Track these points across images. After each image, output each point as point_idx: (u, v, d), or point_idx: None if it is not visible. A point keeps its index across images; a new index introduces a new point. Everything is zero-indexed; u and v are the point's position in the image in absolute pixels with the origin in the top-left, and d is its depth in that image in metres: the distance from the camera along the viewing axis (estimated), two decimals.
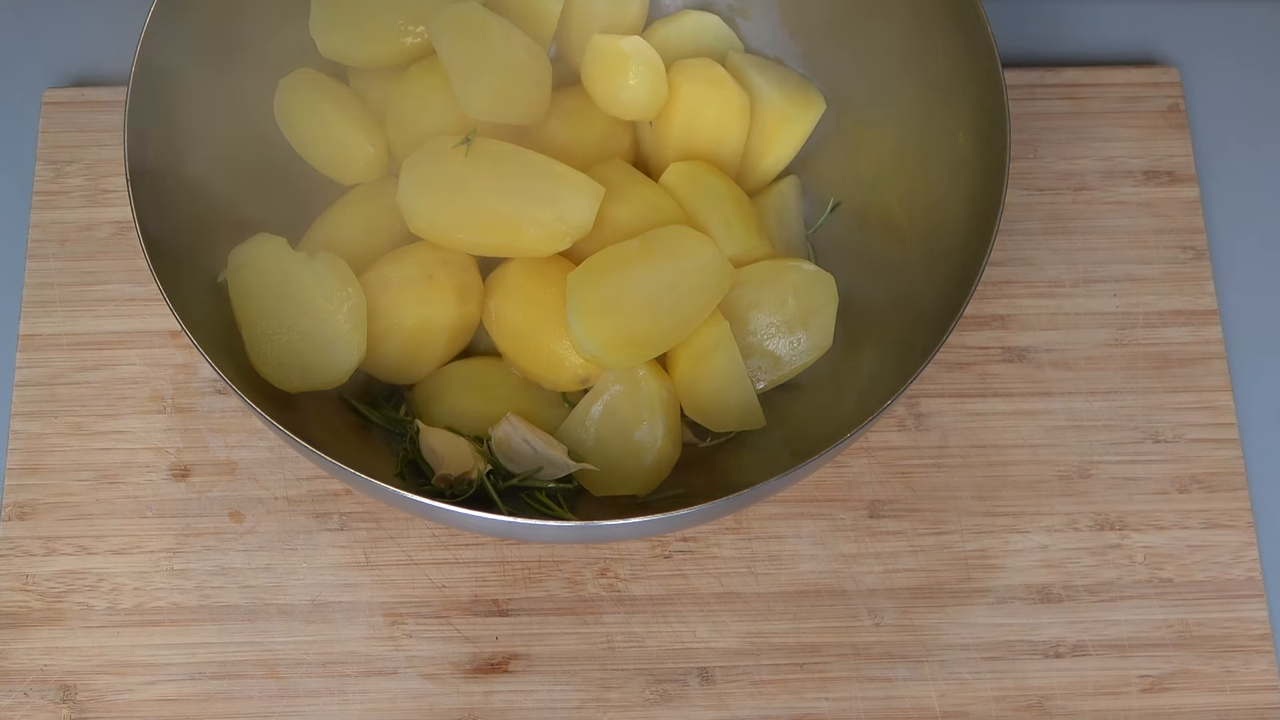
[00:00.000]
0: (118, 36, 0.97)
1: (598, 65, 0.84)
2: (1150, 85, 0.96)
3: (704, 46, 0.88)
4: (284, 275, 0.79)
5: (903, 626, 0.84)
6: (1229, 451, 0.88)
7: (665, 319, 0.79)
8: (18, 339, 0.89)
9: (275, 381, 0.78)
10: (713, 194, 0.83)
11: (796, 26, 0.89)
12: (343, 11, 0.83)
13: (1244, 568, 0.86)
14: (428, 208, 0.79)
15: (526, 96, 0.82)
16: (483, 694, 0.82)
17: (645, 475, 0.80)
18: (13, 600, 0.84)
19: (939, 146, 0.81)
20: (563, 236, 0.79)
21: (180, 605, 0.84)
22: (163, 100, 0.77)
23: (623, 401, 0.80)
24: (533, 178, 0.79)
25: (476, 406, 0.81)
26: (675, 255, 0.79)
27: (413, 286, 0.80)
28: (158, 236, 0.74)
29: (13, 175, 0.93)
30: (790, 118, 0.86)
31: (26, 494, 0.86)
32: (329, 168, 0.84)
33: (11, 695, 0.82)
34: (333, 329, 0.78)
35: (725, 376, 0.80)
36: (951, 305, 0.74)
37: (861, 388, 0.80)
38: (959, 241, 0.77)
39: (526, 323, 0.81)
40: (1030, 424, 0.88)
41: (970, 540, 0.86)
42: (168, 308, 0.72)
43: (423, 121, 0.83)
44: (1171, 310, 0.91)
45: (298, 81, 0.84)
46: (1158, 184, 0.94)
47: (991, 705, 0.83)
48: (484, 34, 0.80)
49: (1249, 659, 0.84)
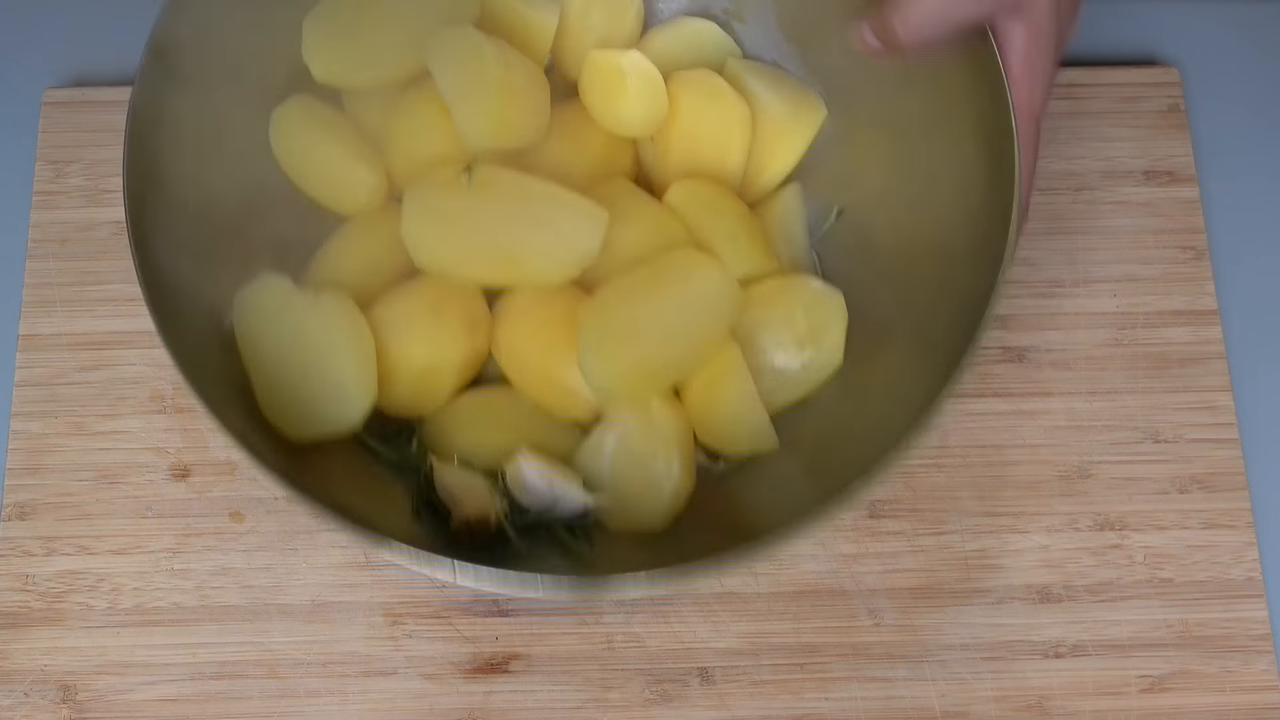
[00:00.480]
0: (118, 36, 0.97)
1: (596, 82, 0.83)
2: (1150, 85, 0.96)
3: (702, 54, 0.88)
4: (291, 318, 0.77)
5: (903, 626, 0.84)
6: (1229, 451, 0.88)
7: (677, 348, 0.78)
8: (18, 339, 0.89)
9: (285, 431, 0.76)
10: (717, 213, 0.82)
11: (793, 29, 0.88)
12: (335, 36, 0.82)
13: (1244, 568, 0.86)
14: (432, 242, 0.78)
15: (527, 121, 0.81)
16: (483, 694, 0.82)
17: (663, 511, 0.78)
18: (13, 600, 0.84)
19: (944, 153, 0.80)
20: (570, 265, 0.78)
21: (180, 605, 0.84)
22: (160, 134, 0.76)
23: (637, 434, 0.78)
24: (537, 206, 0.78)
25: (490, 438, 0.80)
26: (685, 282, 0.78)
27: (420, 323, 0.79)
28: (159, 281, 0.73)
29: (13, 175, 0.93)
30: (792, 127, 0.85)
31: (26, 494, 0.86)
32: (328, 200, 0.83)
33: (11, 695, 0.82)
34: (342, 374, 0.76)
35: (737, 402, 0.79)
36: (967, 319, 0.73)
37: (876, 404, 0.79)
38: (971, 250, 0.76)
39: (535, 352, 0.80)
40: (1030, 424, 0.88)
41: (970, 540, 0.86)
42: (173, 363, 0.71)
43: (423, 147, 0.82)
44: (1171, 310, 0.91)
45: (292, 112, 0.82)
46: (1158, 184, 0.94)
47: (991, 705, 0.83)
48: (480, 60, 0.79)
49: (1249, 659, 0.84)
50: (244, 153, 0.82)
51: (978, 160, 0.77)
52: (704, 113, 0.84)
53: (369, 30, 0.82)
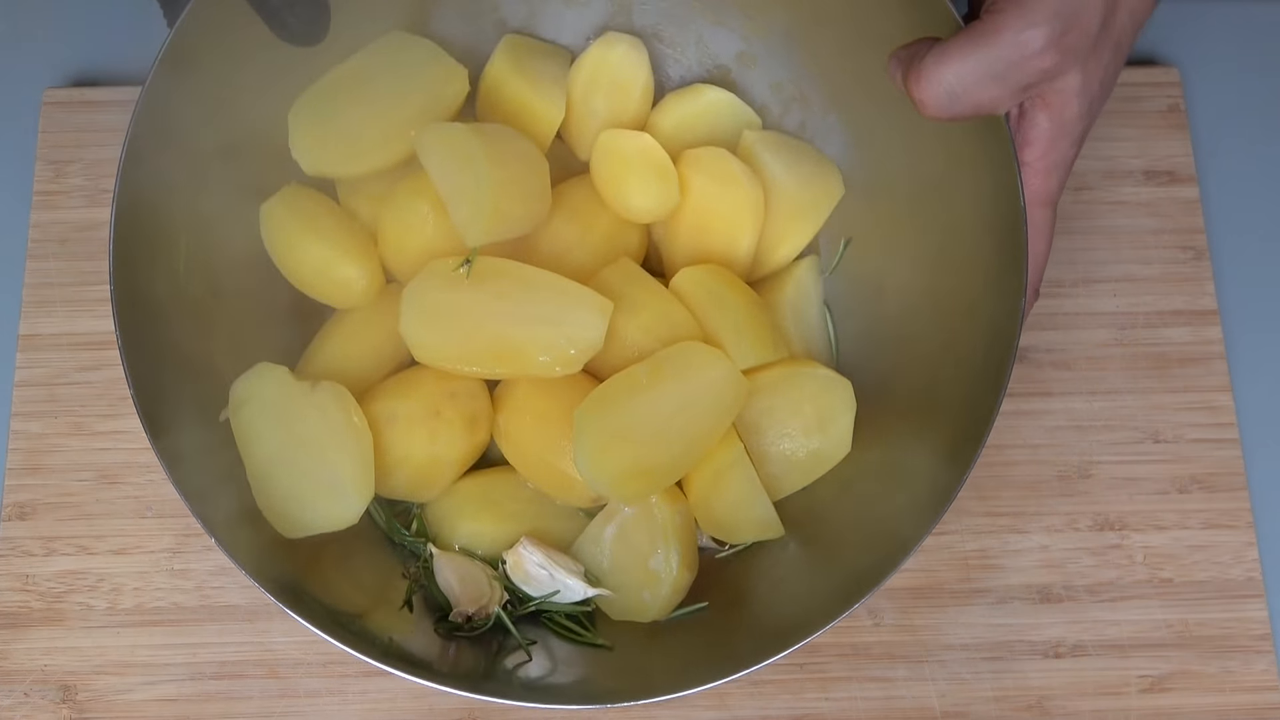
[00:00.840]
0: (118, 37, 0.97)
1: (606, 168, 0.82)
2: (1150, 85, 0.96)
3: (719, 126, 0.86)
4: (288, 411, 0.76)
5: (903, 626, 0.84)
6: (1229, 451, 0.88)
7: (675, 444, 0.76)
8: (18, 339, 0.89)
9: (279, 527, 0.75)
10: (724, 303, 0.80)
11: (807, 70, 0.85)
12: (323, 129, 0.80)
13: (1244, 568, 0.86)
14: (432, 338, 0.77)
15: (524, 211, 0.78)
16: None
17: (661, 603, 0.77)
18: (13, 600, 0.84)
19: (956, 231, 0.78)
20: (572, 361, 0.76)
21: (180, 605, 0.84)
22: (149, 227, 0.74)
23: (636, 527, 0.77)
24: (538, 298, 0.76)
25: (490, 527, 0.79)
26: (686, 375, 0.76)
27: (420, 422, 0.78)
28: (147, 377, 0.71)
29: (13, 175, 0.93)
30: (806, 209, 0.84)
31: (26, 494, 0.86)
32: (321, 295, 0.81)
33: (11, 695, 0.82)
34: (338, 471, 0.75)
35: (741, 495, 0.78)
36: (977, 406, 0.71)
37: (884, 488, 0.77)
38: (981, 333, 0.74)
39: (536, 442, 0.79)
40: (1030, 424, 0.88)
41: (970, 540, 0.86)
42: (163, 469, 0.70)
43: (417, 240, 0.80)
44: (1171, 310, 0.91)
45: (281, 205, 0.80)
46: (1158, 184, 0.94)
47: (991, 705, 0.83)
48: (472, 161, 0.76)
49: (1249, 659, 0.84)
50: (239, 243, 0.80)
51: (988, 241, 0.75)
52: (715, 198, 0.82)
53: (355, 120, 0.80)
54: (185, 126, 0.75)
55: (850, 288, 0.85)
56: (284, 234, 0.80)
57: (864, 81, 0.80)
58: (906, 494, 0.74)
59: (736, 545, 0.81)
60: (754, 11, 0.84)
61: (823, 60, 0.84)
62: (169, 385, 0.73)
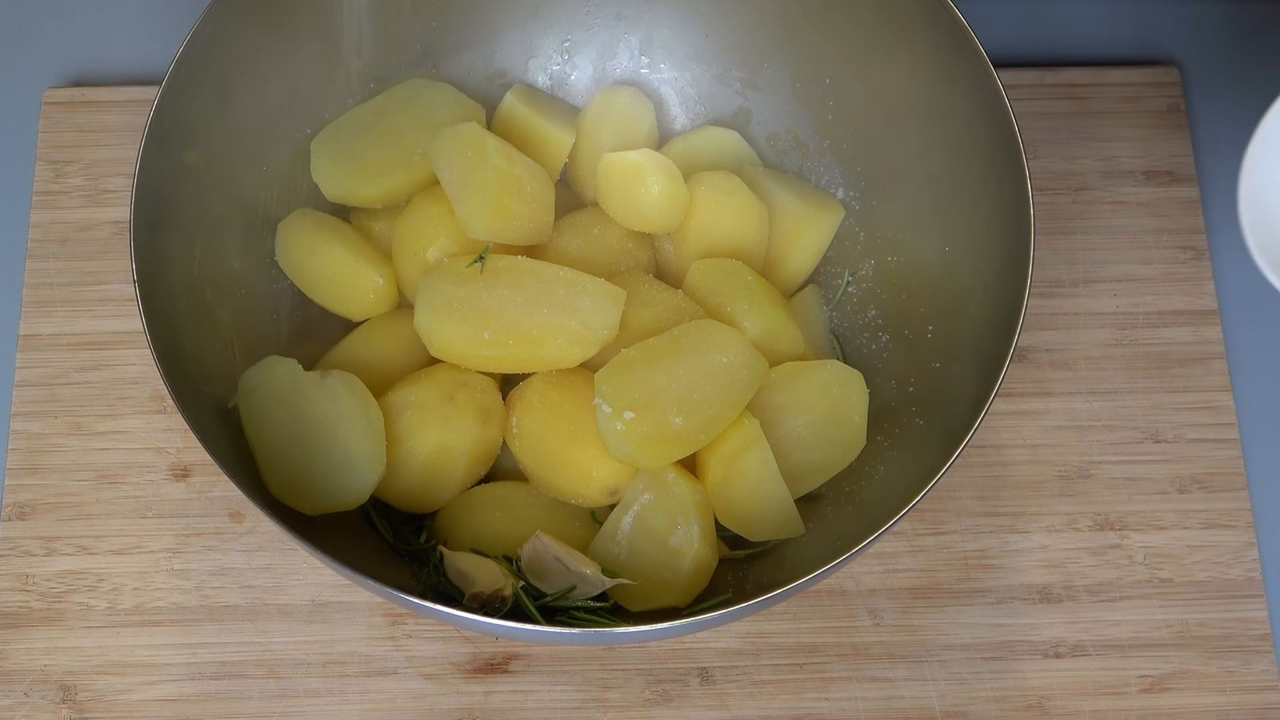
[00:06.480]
0: (118, 37, 0.97)
1: (614, 179, 0.83)
2: (1150, 85, 0.96)
3: (722, 160, 0.87)
4: (297, 395, 0.77)
5: (903, 626, 0.84)
6: (1229, 451, 0.88)
7: (697, 414, 0.76)
8: (18, 339, 0.89)
9: (292, 504, 0.75)
10: (738, 282, 0.81)
11: (812, 105, 0.87)
12: (343, 155, 0.83)
13: (1244, 568, 0.86)
14: (447, 329, 0.78)
15: (529, 214, 0.80)
16: (483, 694, 0.82)
17: (684, 583, 0.76)
18: (13, 600, 0.84)
19: (960, 228, 0.80)
20: (588, 343, 0.77)
21: (180, 605, 0.84)
22: (166, 244, 0.76)
23: (654, 509, 0.77)
24: (552, 289, 0.78)
25: (502, 527, 0.79)
26: (705, 350, 0.77)
27: (432, 409, 0.78)
28: (172, 363, 0.73)
29: (13, 175, 0.93)
30: (808, 223, 0.85)
31: (26, 494, 0.86)
32: (338, 305, 0.83)
33: (11, 695, 0.82)
34: (350, 446, 0.76)
35: (759, 478, 0.78)
36: (976, 395, 0.73)
37: (900, 485, 0.77)
38: (984, 336, 0.76)
39: (551, 435, 0.79)
40: (1030, 424, 0.88)
41: (970, 540, 0.86)
42: (193, 433, 0.71)
43: (429, 251, 0.81)
44: (1171, 310, 0.91)
45: (297, 223, 0.83)
46: (1158, 184, 0.94)
47: (991, 705, 0.83)
48: (482, 153, 0.79)
49: (1249, 659, 0.84)
50: (256, 266, 0.83)
51: (993, 237, 0.77)
52: (721, 207, 0.83)
53: (374, 144, 0.83)
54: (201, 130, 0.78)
55: (851, 322, 0.87)
56: (304, 241, 0.82)
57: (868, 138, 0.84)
58: (907, 476, 0.75)
59: (755, 547, 0.80)
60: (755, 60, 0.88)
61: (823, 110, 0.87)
62: (187, 364, 0.75)
